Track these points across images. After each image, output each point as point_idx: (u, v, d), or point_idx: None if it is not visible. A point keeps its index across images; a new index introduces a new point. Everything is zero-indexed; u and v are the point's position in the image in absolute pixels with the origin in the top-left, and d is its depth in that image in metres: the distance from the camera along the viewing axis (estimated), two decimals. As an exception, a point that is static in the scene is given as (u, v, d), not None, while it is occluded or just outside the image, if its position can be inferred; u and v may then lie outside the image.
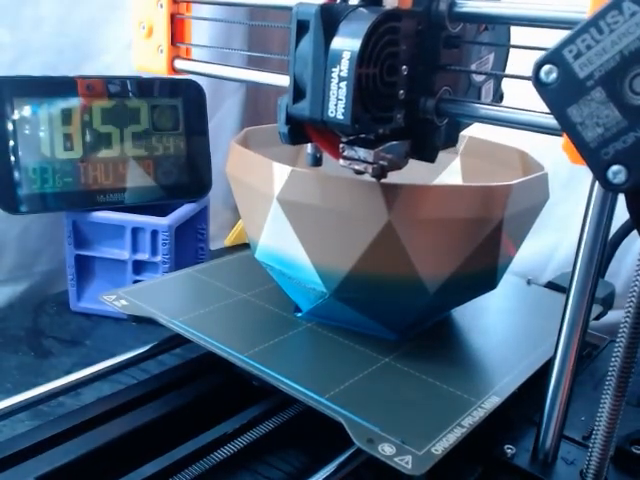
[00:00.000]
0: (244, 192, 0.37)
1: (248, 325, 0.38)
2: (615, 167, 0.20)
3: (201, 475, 0.31)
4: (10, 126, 0.48)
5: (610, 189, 0.21)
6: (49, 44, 0.53)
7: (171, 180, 0.55)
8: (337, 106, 0.25)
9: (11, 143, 0.49)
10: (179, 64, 0.36)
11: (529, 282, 0.48)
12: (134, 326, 0.50)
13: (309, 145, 0.35)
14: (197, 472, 0.30)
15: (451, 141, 0.31)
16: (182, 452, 0.31)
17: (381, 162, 0.27)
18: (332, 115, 0.25)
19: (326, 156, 0.31)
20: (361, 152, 0.27)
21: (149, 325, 0.47)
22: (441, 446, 0.28)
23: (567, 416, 0.30)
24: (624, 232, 0.49)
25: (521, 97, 0.28)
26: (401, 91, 0.26)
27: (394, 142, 0.28)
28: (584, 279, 0.28)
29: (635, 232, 0.50)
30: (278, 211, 0.33)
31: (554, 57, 0.20)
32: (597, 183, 0.27)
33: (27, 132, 0.49)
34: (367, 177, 0.30)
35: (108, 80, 0.52)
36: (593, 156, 0.21)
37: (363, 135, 0.27)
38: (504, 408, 0.32)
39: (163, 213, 0.52)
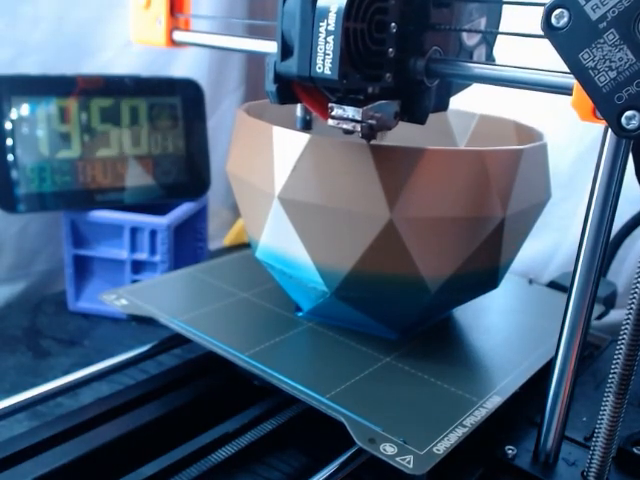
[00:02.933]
0: (244, 191, 0.37)
1: (249, 324, 0.38)
2: (629, 112, 0.20)
3: (201, 475, 0.30)
4: (8, 125, 0.48)
5: (623, 136, 0.21)
6: (47, 42, 0.53)
7: (170, 179, 0.55)
8: (325, 61, 0.24)
9: (9, 142, 0.48)
10: (178, 36, 0.35)
11: (531, 282, 0.48)
12: (133, 326, 0.50)
13: (298, 108, 0.35)
14: (197, 472, 0.30)
15: (442, 105, 0.31)
16: (182, 452, 0.30)
17: (370, 121, 0.27)
18: (320, 71, 0.25)
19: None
20: (350, 111, 0.27)
21: (148, 325, 0.47)
22: (443, 446, 0.28)
23: (568, 417, 0.30)
24: (626, 231, 0.49)
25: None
26: (390, 49, 0.26)
27: (383, 101, 0.27)
28: (585, 278, 0.28)
29: (637, 232, 0.50)
30: (279, 210, 0.33)
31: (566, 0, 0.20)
32: (598, 182, 0.26)
33: (25, 131, 0.49)
34: (368, 175, 0.30)
35: (106, 78, 0.52)
36: (606, 102, 0.20)
37: (352, 96, 0.27)
38: (505, 408, 0.32)
39: (162, 213, 0.51)
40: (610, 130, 0.25)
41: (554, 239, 0.58)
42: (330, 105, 0.27)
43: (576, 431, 0.33)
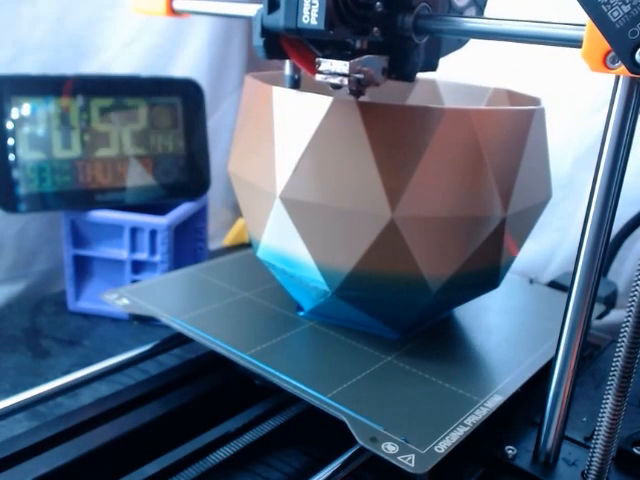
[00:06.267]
0: (246, 191, 0.37)
1: (250, 324, 0.38)
2: None
3: (201, 475, 0.30)
4: (9, 124, 0.48)
5: (638, 72, 0.20)
6: (47, 42, 0.53)
7: (170, 179, 0.55)
8: (311, 11, 0.24)
9: (10, 142, 0.48)
10: (178, 4, 0.35)
11: (531, 281, 0.48)
12: (132, 326, 0.50)
13: (287, 67, 0.35)
14: (197, 472, 0.30)
15: (431, 65, 0.31)
16: (182, 452, 0.30)
17: (357, 75, 0.27)
18: (306, 21, 0.25)
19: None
20: (337, 64, 0.27)
21: (148, 325, 0.47)
22: (444, 445, 0.28)
23: (568, 417, 0.30)
24: (627, 231, 0.50)
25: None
26: (378, 3, 0.26)
27: (371, 56, 0.27)
28: (586, 278, 0.28)
29: (638, 232, 0.50)
30: (280, 210, 0.33)
31: None
32: (598, 182, 0.26)
33: (25, 130, 0.49)
34: (369, 174, 0.30)
35: (106, 78, 0.52)
36: (619, 38, 0.20)
37: (340, 52, 0.27)
38: (505, 408, 0.32)
39: (162, 213, 0.51)
40: (613, 122, 0.25)
41: (554, 239, 0.58)
42: (317, 60, 0.27)
43: (576, 431, 0.33)
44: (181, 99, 0.54)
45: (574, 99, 0.55)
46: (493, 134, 0.31)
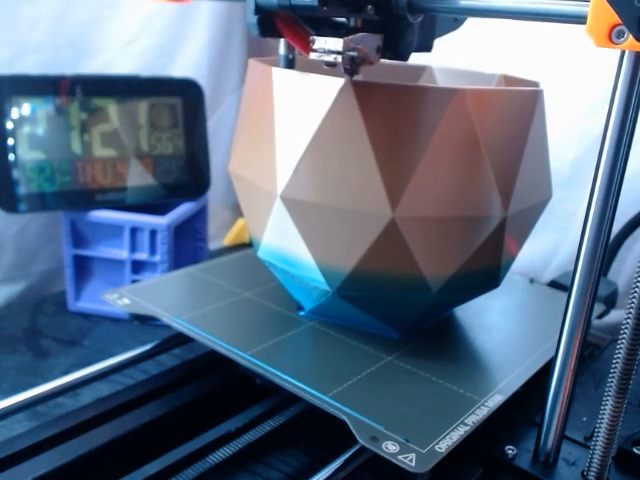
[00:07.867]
0: (247, 190, 0.37)
1: (251, 323, 0.38)
2: None
3: (201, 475, 0.30)
4: (9, 124, 0.48)
5: None
6: (47, 42, 0.53)
7: (170, 179, 0.55)
8: None
9: (10, 142, 0.48)
10: None
11: (532, 281, 0.48)
12: (132, 326, 0.50)
13: (282, 46, 0.34)
14: (197, 472, 0.30)
15: (426, 46, 0.31)
16: (182, 452, 0.30)
17: (351, 53, 0.27)
18: None
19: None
20: (331, 42, 0.26)
21: (147, 325, 0.47)
22: (445, 444, 0.28)
23: (568, 416, 0.30)
24: (627, 231, 0.50)
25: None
26: None
27: (365, 33, 0.27)
28: (586, 278, 0.28)
29: (638, 232, 0.50)
30: (281, 209, 0.33)
31: None
32: (598, 182, 0.26)
33: (25, 130, 0.49)
34: (369, 169, 0.30)
35: (106, 78, 0.52)
36: (626, 6, 0.19)
37: (334, 31, 0.27)
38: (505, 408, 0.32)
39: (162, 212, 0.51)
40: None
41: (555, 238, 0.58)
42: (311, 37, 0.27)
43: (576, 431, 0.33)
44: (181, 99, 0.55)
45: (574, 98, 0.55)
46: (494, 119, 0.31)
